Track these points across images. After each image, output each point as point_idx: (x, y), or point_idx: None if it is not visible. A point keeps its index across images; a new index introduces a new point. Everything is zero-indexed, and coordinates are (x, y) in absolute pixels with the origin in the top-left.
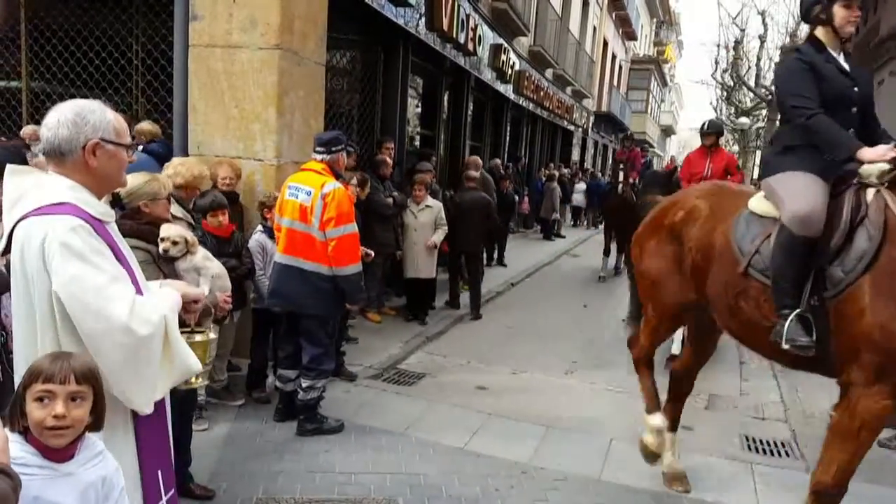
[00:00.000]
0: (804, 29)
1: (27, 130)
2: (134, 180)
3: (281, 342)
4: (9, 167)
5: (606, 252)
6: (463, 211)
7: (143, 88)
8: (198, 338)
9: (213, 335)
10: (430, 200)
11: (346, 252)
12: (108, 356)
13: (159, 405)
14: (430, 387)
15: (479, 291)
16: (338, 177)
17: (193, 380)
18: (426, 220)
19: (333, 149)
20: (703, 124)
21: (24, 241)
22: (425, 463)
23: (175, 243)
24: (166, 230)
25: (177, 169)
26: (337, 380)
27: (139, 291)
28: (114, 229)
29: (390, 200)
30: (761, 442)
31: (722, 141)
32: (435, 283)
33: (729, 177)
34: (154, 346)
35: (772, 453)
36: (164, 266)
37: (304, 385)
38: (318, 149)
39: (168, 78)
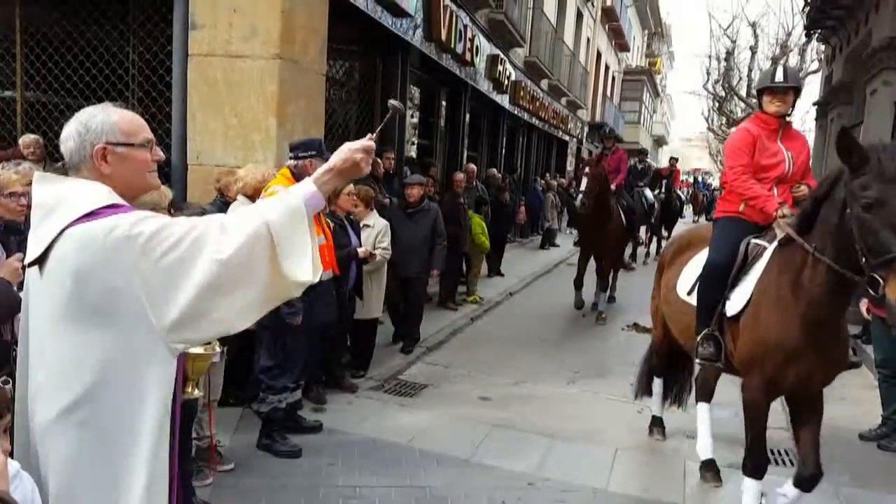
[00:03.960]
0: (794, 39)
1: (27, 140)
2: None
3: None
4: (36, 174)
5: (579, 283)
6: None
7: (140, 98)
8: (203, 350)
9: (218, 349)
10: (372, 218)
11: None
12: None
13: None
14: (433, 398)
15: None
16: None
17: (189, 390)
18: (363, 242)
19: (301, 155)
20: (774, 72)
21: (81, 247)
22: (430, 476)
23: None
24: None
25: (244, 181)
26: (338, 391)
27: None
28: None
29: (387, 200)
30: None
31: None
32: (376, 326)
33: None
34: (248, 255)
35: (776, 462)
36: None
37: (258, 397)
38: (289, 154)
39: (166, 87)
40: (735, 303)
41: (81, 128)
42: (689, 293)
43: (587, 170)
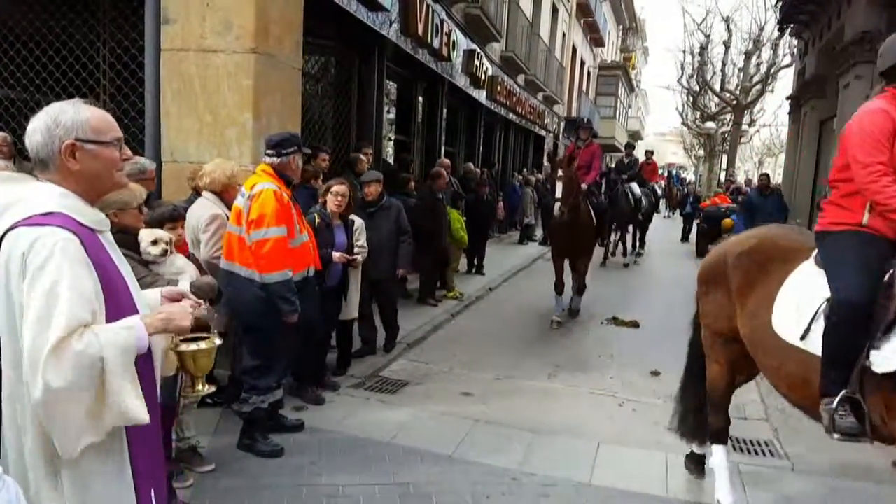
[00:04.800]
0: (767, 34)
1: None
2: None
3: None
4: (2, 174)
5: (559, 288)
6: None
7: (112, 94)
8: (203, 345)
9: (218, 341)
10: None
11: (266, 257)
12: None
13: (153, 419)
14: (415, 394)
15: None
16: (288, 183)
17: (199, 387)
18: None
19: (284, 151)
20: None
21: (10, 252)
22: (413, 472)
23: (167, 244)
24: (152, 234)
25: (211, 176)
26: (319, 390)
27: (130, 303)
28: (108, 239)
29: None
30: (745, 442)
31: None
32: (353, 327)
33: None
34: (68, 402)
35: (756, 453)
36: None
37: (241, 397)
38: (267, 151)
39: (138, 83)
40: (888, 356)
41: (51, 122)
42: (804, 337)
43: (560, 172)
